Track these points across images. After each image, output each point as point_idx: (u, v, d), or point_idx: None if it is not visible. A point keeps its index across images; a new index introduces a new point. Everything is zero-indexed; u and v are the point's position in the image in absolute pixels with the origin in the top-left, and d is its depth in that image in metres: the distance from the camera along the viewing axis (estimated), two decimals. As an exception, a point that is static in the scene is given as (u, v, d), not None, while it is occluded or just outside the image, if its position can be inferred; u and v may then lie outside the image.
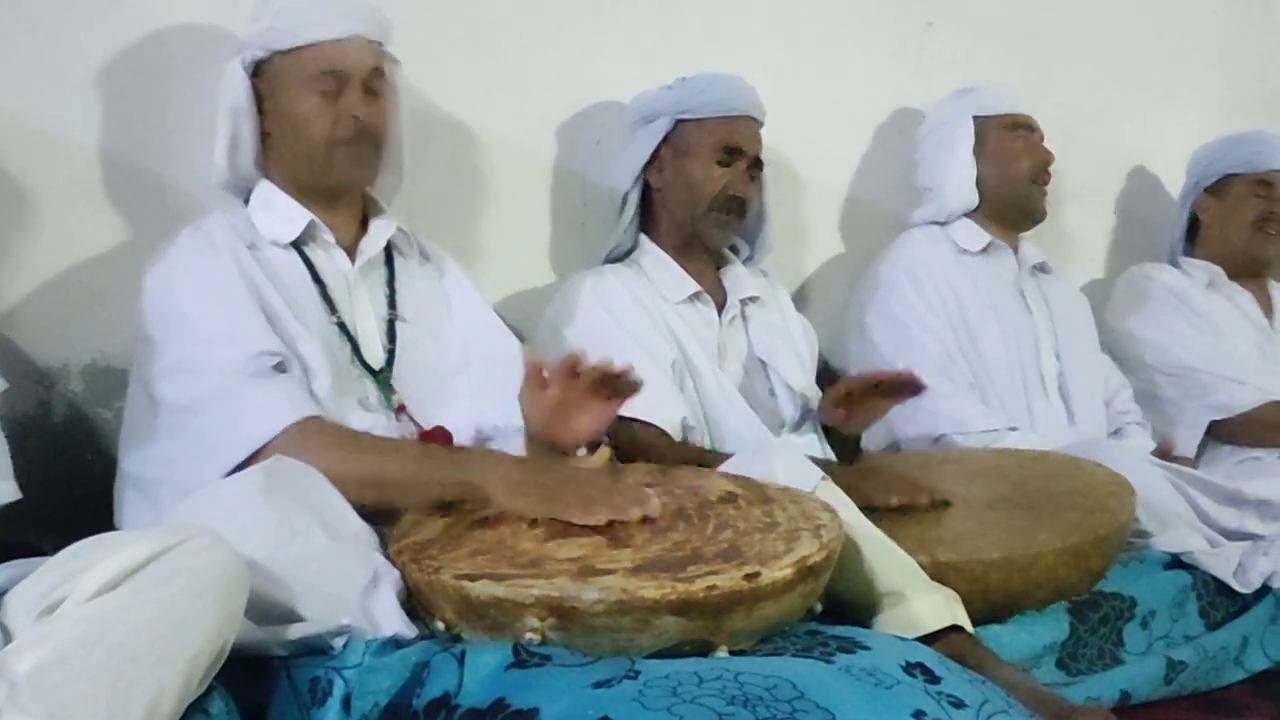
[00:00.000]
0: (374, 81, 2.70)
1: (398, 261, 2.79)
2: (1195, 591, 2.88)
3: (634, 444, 2.89)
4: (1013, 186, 3.80)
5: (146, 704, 1.62)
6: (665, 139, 3.30)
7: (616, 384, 2.39)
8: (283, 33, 2.64)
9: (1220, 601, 2.91)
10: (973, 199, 3.81)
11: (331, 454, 2.31)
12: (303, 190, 2.69)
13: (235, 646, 1.83)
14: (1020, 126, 3.83)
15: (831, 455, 3.18)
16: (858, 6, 4.03)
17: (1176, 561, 2.93)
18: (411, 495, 2.33)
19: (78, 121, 2.83)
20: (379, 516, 2.30)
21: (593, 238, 3.46)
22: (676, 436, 3.02)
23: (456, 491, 2.30)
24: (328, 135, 2.63)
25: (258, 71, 2.69)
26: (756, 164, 3.32)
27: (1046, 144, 3.86)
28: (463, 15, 3.31)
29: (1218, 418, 3.88)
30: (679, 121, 3.29)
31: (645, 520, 2.15)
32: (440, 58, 3.20)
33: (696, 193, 3.27)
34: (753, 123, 3.33)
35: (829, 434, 3.21)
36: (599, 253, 3.38)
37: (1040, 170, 3.82)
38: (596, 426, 2.44)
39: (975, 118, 3.84)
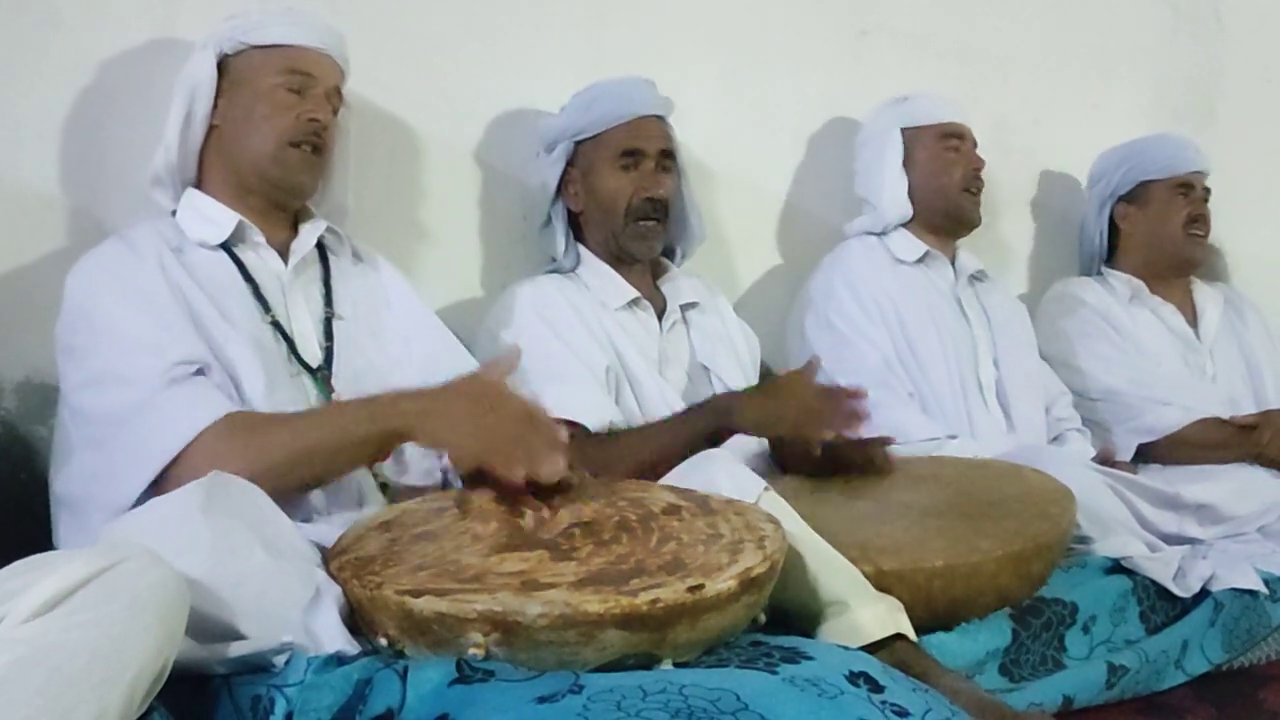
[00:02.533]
0: (334, 100, 2.76)
1: (331, 261, 2.80)
2: (1136, 596, 2.90)
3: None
4: (944, 197, 3.82)
5: (86, 726, 1.61)
6: (570, 161, 3.30)
7: None
8: (263, 29, 2.70)
9: (1160, 606, 2.93)
10: (906, 211, 3.82)
11: (250, 446, 2.30)
12: (238, 192, 2.70)
13: (176, 666, 1.81)
14: (951, 136, 3.84)
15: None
16: (792, 16, 4.03)
17: (1117, 566, 2.95)
18: (343, 460, 2.37)
19: (6, 136, 2.81)
20: (315, 520, 2.30)
21: (533, 248, 3.46)
22: None
23: (383, 443, 2.34)
24: (283, 130, 2.67)
25: (223, 66, 2.72)
26: (665, 157, 3.29)
27: (980, 153, 3.87)
28: (403, 28, 3.31)
29: (1145, 441, 3.88)
30: (578, 143, 3.29)
31: (587, 530, 2.15)
32: (381, 70, 3.20)
33: (609, 207, 3.26)
34: (651, 120, 3.29)
35: (775, 447, 3.22)
36: (539, 263, 3.38)
37: (972, 179, 3.83)
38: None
39: (904, 130, 3.85)
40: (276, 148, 2.66)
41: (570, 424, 2.89)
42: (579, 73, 3.40)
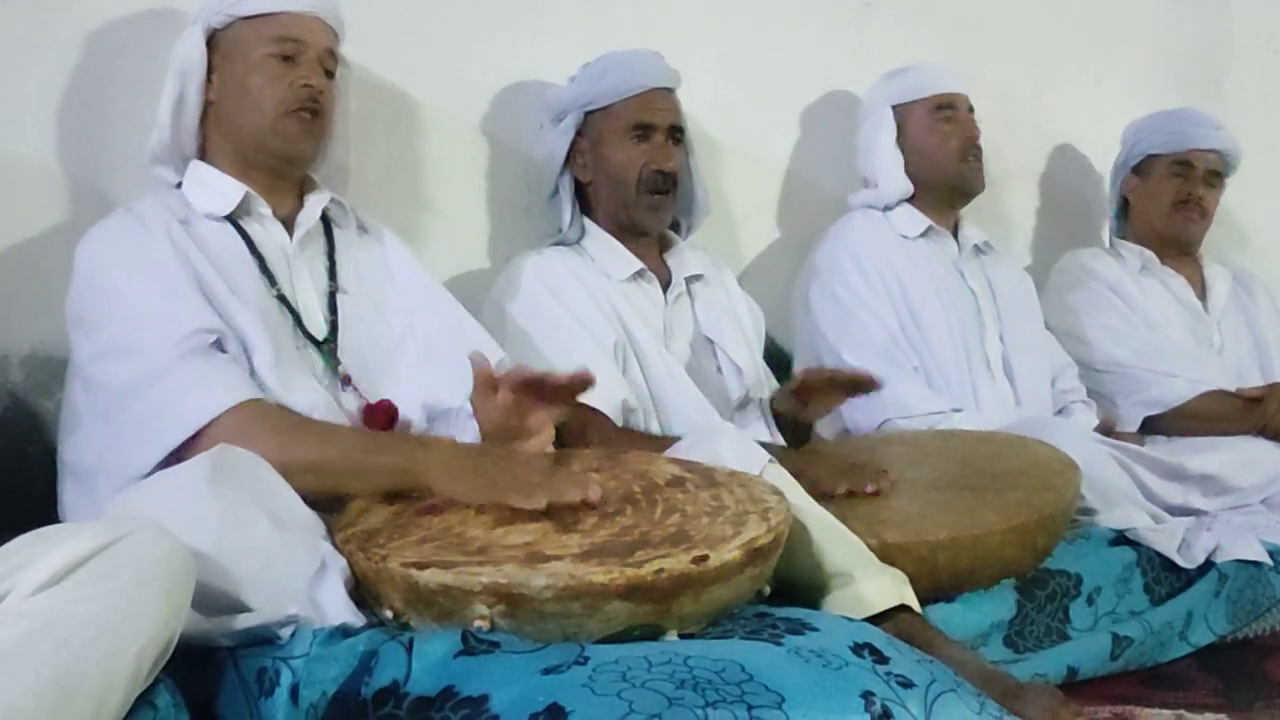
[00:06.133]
0: (328, 62, 2.73)
1: (336, 233, 2.78)
2: (1140, 568, 2.91)
3: (579, 427, 2.89)
4: (942, 170, 3.78)
5: (94, 698, 1.62)
6: (580, 132, 3.29)
7: (569, 388, 2.38)
8: (248, 0, 2.66)
9: (1165, 577, 2.94)
10: (907, 188, 3.79)
11: (273, 439, 2.29)
12: (241, 164, 2.68)
13: (182, 638, 1.82)
14: (944, 107, 3.80)
15: (780, 440, 3.19)
16: (795, -12, 4.03)
17: (1121, 538, 2.96)
18: (354, 482, 2.32)
19: (11, 108, 2.80)
20: (326, 504, 2.29)
21: (537, 219, 3.45)
22: (617, 420, 2.99)
23: (399, 479, 2.29)
24: (279, 101, 2.64)
25: (213, 41, 2.69)
26: (675, 131, 3.29)
27: (984, 125, 3.85)
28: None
29: (1151, 413, 3.89)
30: (588, 113, 3.28)
31: (590, 505, 2.15)
32: (382, 41, 3.18)
33: (621, 179, 3.25)
34: (662, 93, 3.28)
35: (780, 422, 3.22)
36: (542, 234, 3.37)
37: (969, 147, 3.79)
38: (552, 422, 2.43)
39: (896, 106, 3.82)
40: (274, 118, 2.64)
41: (594, 413, 2.90)
42: (581, 44, 3.39)
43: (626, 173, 3.24)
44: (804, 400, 3.07)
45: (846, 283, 3.69)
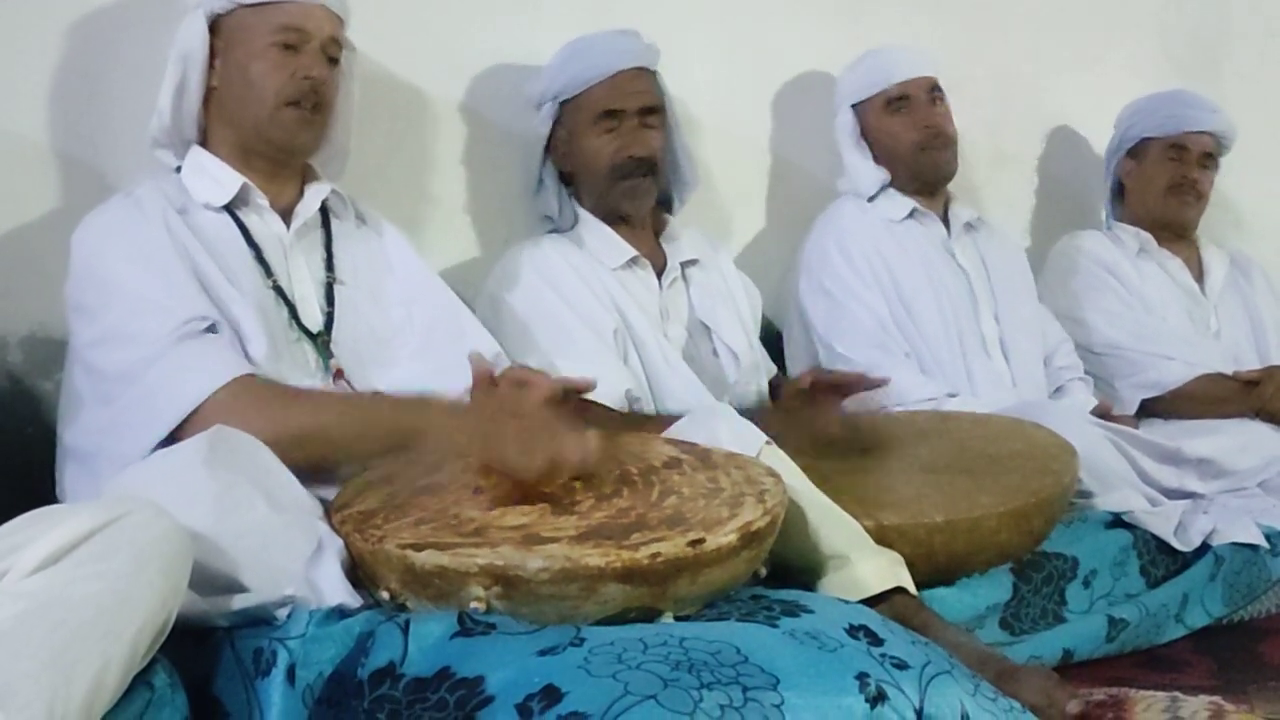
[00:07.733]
0: (332, 49, 2.71)
1: (334, 224, 2.77)
2: (1136, 550, 2.92)
3: (582, 419, 2.88)
4: (904, 163, 3.76)
5: (91, 679, 1.62)
6: (558, 121, 3.27)
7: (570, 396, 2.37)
8: None
9: (1161, 560, 2.95)
10: (881, 177, 3.77)
11: (268, 411, 2.28)
12: (242, 153, 2.67)
13: (179, 619, 1.83)
14: (895, 100, 3.76)
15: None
16: (792, -30, 4.01)
17: (1118, 521, 2.97)
18: (352, 447, 2.33)
19: (11, 88, 2.80)
20: (319, 479, 2.30)
21: (534, 206, 3.44)
22: (621, 409, 2.99)
23: (398, 440, 2.28)
24: (279, 91, 2.62)
25: (215, 27, 2.67)
26: (648, 113, 3.24)
27: (982, 107, 3.84)
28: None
29: (1148, 396, 3.88)
30: (562, 103, 3.26)
31: (588, 484, 2.15)
32: (381, 25, 3.17)
33: (594, 167, 3.23)
34: (632, 74, 3.23)
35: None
36: (540, 220, 3.36)
37: (930, 137, 3.75)
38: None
39: (855, 105, 3.81)
40: (274, 108, 2.62)
41: (588, 401, 2.90)
42: (580, 25, 3.36)
43: (599, 161, 3.21)
44: (811, 400, 3.08)
45: (834, 274, 3.68)
